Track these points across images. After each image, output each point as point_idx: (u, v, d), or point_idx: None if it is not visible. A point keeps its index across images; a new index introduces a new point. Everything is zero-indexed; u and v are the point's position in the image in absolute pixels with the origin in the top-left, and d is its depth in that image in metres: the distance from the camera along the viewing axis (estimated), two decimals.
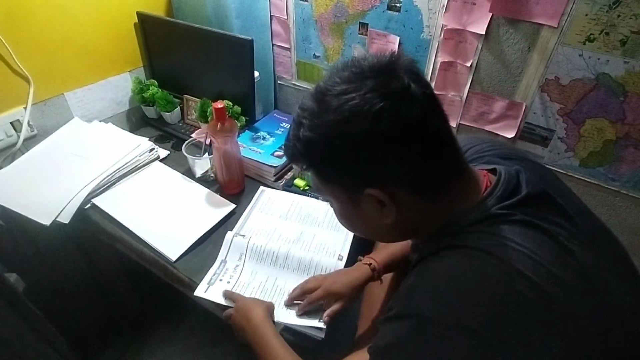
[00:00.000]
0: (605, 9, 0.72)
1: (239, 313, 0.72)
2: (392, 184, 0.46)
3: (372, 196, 0.46)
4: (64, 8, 1.02)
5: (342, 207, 0.52)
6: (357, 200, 0.48)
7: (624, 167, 0.85)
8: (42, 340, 0.88)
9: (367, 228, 0.54)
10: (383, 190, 0.45)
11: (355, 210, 0.50)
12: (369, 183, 0.46)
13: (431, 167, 0.46)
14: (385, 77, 0.43)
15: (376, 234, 0.56)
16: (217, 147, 0.92)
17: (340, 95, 0.43)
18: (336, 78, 0.45)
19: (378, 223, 0.49)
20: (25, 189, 0.95)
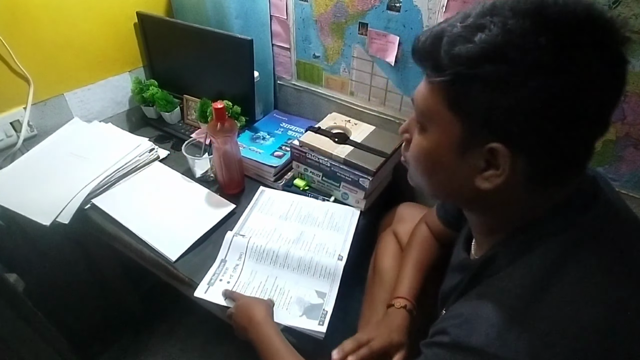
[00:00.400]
0: (605, 9, 0.72)
1: (239, 312, 0.72)
2: (526, 152, 0.38)
3: (492, 152, 0.38)
4: (64, 8, 1.02)
5: (441, 142, 0.42)
6: (468, 145, 0.40)
7: (624, 167, 0.85)
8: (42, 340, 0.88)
9: (442, 179, 0.45)
10: (512, 153, 0.37)
11: (451, 156, 0.41)
12: (505, 136, 0.37)
13: (574, 160, 0.40)
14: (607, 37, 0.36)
15: (449, 190, 0.46)
16: (217, 147, 0.92)
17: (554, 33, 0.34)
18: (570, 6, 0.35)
19: (464, 181, 0.42)
20: (25, 189, 0.95)
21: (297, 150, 1.01)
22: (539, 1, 0.36)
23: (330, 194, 1.03)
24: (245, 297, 0.76)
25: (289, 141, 1.11)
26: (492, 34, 0.35)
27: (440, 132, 0.42)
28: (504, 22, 0.35)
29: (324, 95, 1.22)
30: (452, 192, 0.46)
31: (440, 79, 0.39)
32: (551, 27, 0.34)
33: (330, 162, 0.96)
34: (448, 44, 0.37)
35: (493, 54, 0.35)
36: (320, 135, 1.01)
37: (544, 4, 0.35)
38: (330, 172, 0.98)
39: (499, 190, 0.40)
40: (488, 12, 0.37)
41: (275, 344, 0.66)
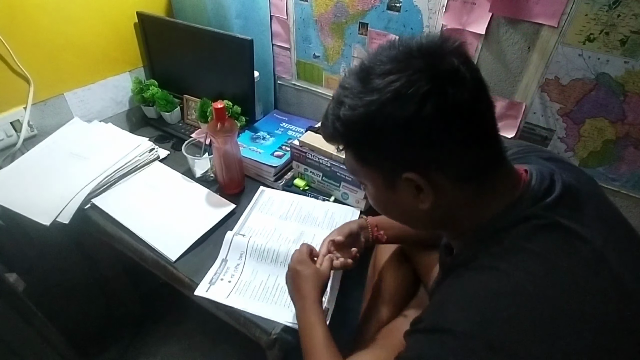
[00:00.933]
0: (605, 9, 0.72)
1: (290, 277, 0.70)
2: (432, 169, 0.44)
3: (410, 180, 0.45)
4: (64, 8, 1.02)
5: (378, 190, 0.50)
6: (393, 183, 0.47)
7: (624, 167, 0.85)
8: (42, 340, 0.88)
9: (400, 213, 0.53)
10: (422, 175, 0.44)
11: (391, 194, 0.49)
12: (408, 166, 0.44)
13: (474, 155, 0.44)
14: (433, 58, 0.41)
15: (409, 220, 0.54)
16: (217, 147, 0.92)
17: (385, 74, 0.41)
18: (382, 57, 0.43)
19: (413, 209, 0.48)
20: (25, 189, 0.95)
21: (297, 150, 1.01)
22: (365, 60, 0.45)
23: (330, 194, 1.03)
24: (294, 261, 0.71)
25: (289, 141, 1.11)
26: (346, 105, 0.44)
27: (370, 183, 0.51)
28: (351, 92, 0.44)
29: (324, 95, 1.22)
30: (414, 221, 0.54)
31: (343, 148, 0.50)
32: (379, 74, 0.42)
33: (330, 162, 0.96)
34: (331, 125, 0.47)
35: (355, 119, 0.44)
36: (320, 135, 1.01)
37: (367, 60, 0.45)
38: (330, 172, 0.98)
39: (440, 203, 0.46)
40: (341, 88, 0.46)
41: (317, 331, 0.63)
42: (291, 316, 0.75)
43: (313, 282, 0.67)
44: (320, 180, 1.02)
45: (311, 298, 0.66)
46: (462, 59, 0.42)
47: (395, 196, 0.48)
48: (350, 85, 0.44)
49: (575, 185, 0.48)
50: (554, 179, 0.48)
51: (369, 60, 0.44)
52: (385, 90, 0.41)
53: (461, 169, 0.45)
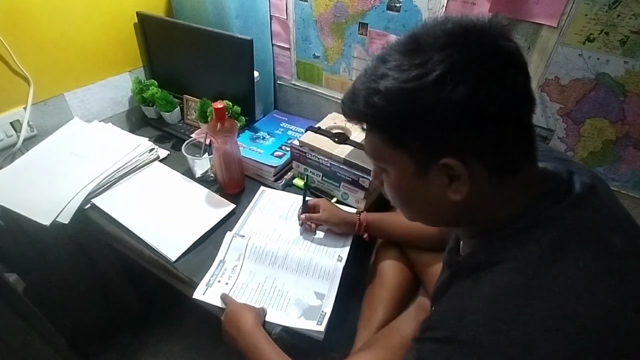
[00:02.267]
0: (605, 9, 0.72)
1: (228, 320, 0.71)
2: (473, 156, 0.40)
3: (447, 167, 0.41)
4: (64, 8, 1.02)
5: (403, 176, 0.45)
6: (425, 170, 0.43)
7: (624, 167, 0.85)
8: (42, 340, 0.88)
9: (423, 205, 0.48)
10: (462, 162, 0.40)
11: (418, 182, 0.44)
12: (449, 151, 0.40)
13: (516, 147, 0.42)
14: (492, 37, 0.39)
15: (430, 213, 0.50)
16: (217, 147, 0.92)
17: (441, 49, 0.38)
18: (436, 30, 0.39)
19: (440, 200, 0.44)
20: (25, 189, 0.95)
21: (297, 150, 1.01)
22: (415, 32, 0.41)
23: (330, 194, 1.03)
24: (234, 303, 0.74)
25: (289, 141, 1.11)
26: (390, 77, 0.40)
27: (397, 169, 0.46)
28: (396, 65, 0.40)
29: (324, 95, 1.22)
30: (436, 214, 0.49)
31: (372, 128, 0.45)
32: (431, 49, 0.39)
33: (330, 162, 0.96)
34: (363, 100, 0.42)
35: (399, 94, 0.39)
36: (320, 135, 1.01)
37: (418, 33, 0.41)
38: (330, 172, 0.98)
39: (472, 195, 0.43)
40: (381, 61, 0.42)
41: (267, 353, 0.64)
42: (289, 318, 0.75)
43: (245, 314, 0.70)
44: (320, 180, 1.02)
45: (249, 325, 0.68)
46: (516, 45, 0.40)
47: (423, 184, 0.44)
48: (394, 58, 0.40)
49: (593, 185, 0.46)
50: (572, 179, 0.46)
51: (419, 32, 0.40)
52: (441, 65, 0.37)
53: (502, 161, 0.42)
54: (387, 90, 0.40)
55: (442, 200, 0.44)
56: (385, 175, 0.48)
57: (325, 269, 0.82)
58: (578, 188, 0.45)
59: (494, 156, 0.41)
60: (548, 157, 0.53)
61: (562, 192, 0.45)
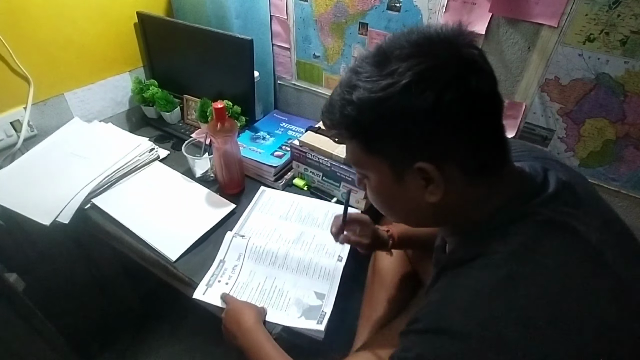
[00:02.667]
0: (605, 9, 0.72)
1: (228, 317, 0.71)
2: (445, 159, 0.43)
3: (421, 171, 0.43)
4: (64, 8, 1.02)
5: (382, 181, 0.48)
6: (401, 174, 0.45)
7: (624, 167, 0.85)
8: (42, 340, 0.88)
9: (402, 207, 0.51)
10: (435, 165, 0.42)
11: (396, 186, 0.47)
12: (422, 156, 0.42)
13: (488, 148, 0.44)
14: (455, 46, 0.41)
15: (411, 215, 0.52)
16: (217, 147, 0.92)
17: (406, 58, 0.40)
18: (402, 41, 0.42)
19: (418, 202, 0.46)
20: (25, 189, 0.95)
21: (297, 150, 1.01)
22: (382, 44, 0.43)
23: (330, 194, 1.03)
24: (236, 301, 0.74)
25: (289, 141, 1.11)
26: (361, 88, 0.42)
27: (376, 174, 0.48)
28: (366, 76, 0.42)
29: (324, 95, 1.22)
30: (417, 216, 0.52)
31: (349, 137, 0.47)
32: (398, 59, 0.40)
33: (330, 162, 0.96)
34: (339, 111, 0.45)
35: (370, 104, 0.41)
36: (321, 135, 1.01)
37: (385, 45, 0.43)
38: (330, 172, 0.98)
39: (449, 196, 0.45)
40: (353, 73, 0.44)
41: (266, 350, 0.65)
42: (289, 318, 0.75)
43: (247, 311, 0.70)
44: (320, 180, 1.02)
45: (250, 323, 0.68)
46: (479, 52, 0.42)
47: (401, 188, 0.46)
48: (364, 69, 0.42)
49: (569, 181, 0.48)
50: (547, 176, 0.48)
51: (386, 44, 0.43)
52: (407, 74, 0.39)
53: (474, 162, 0.44)
54: (359, 100, 0.42)
55: (420, 203, 0.46)
56: (367, 181, 0.51)
57: (325, 269, 0.82)
58: (552, 185, 0.47)
59: (465, 158, 0.43)
60: (527, 156, 0.55)
61: (537, 189, 0.47)
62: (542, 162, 0.52)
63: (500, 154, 0.46)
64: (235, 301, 0.75)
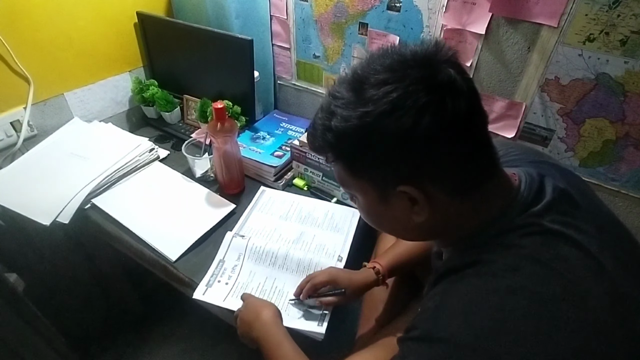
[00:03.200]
0: (605, 9, 0.72)
1: (247, 310, 0.71)
2: (428, 181, 0.43)
3: (404, 193, 0.43)
4: (64, 8, 1.02)
5: (369, 202, 0.49)
6: (386, 196, 0.46)
7: (624, 167, 0.85)
8: (42, 340, 0.88)
9: (392, 225, 0.52)
10: (417, 188, 0.43)
11: (383, 207, 0.47)
12: (404, 179, 0.43)
13: (470, 166, 0.44)
14: (429, 68, 0.40)
15: (401, 232, 0.54)
16: (217, 147, 0.92)
17: (380, 85, 0.40)
18: (376, 65, 0.42)
19: (406, 221, 0.47)
20: (25, 189, 0.95)
21: (297, 150, 1.01)
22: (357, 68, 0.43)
23: (330, 194, 1.03)
24: (256, 297, 0.74)
25: (289, 141, 1.11)
26: (338, 116, 0.42)
27: (362, 195, 0.49)
28: (343, 103, 0.42)
29: (324, 95, 1.22)
30: (407, 232, 0.52)
31: (333, 160, 0.47)
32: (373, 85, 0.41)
33: None
34: (320, 136, 0.45)
35: (347, 132, 0.42)
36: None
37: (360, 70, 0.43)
38: (330, 172, 0.98)
39: (435, 215, 0.45)
40: (332, 98, 0.44)
41: (284, 345, 0.64)
42: (289, 318, 0.75)
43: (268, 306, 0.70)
44: (320, 180, 1.02)
45: (270, 315, 0.68)
46: (457, 69, 0.41)
47: (388, 209, 0.47)
48: (341, 95, 0.43)
49: (566, 188, 0.47)
50: (543, 183, 0.47)
51: (361, 69, 0.43)
52: (382, 102, 0.39)
53: (457, 181, 0.44)
54: (336, 128, 0.43)
55: (408, 222, 0.47)
56: (356, 199, 0.52)
57: None
58: (549, 193, 0.46)
59: (448, 178, 0.43)
60: (523, 161, 0.55)
61: (532, 198, 0.46)
62: (538, 167, 0.51)
63: (486, 169, 0.45)
64: (255, 297, 0.74)
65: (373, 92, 0.40)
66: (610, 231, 0.48)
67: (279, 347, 0.64)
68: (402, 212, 0.46)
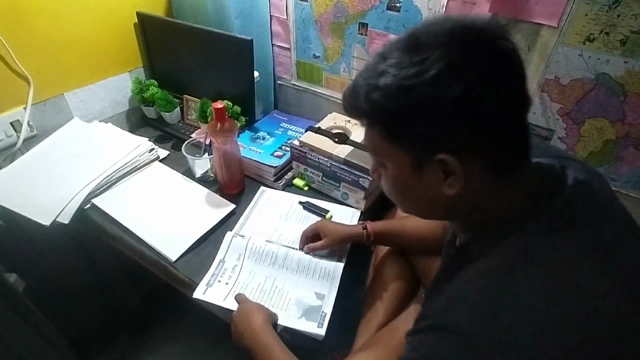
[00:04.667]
0: (605, 9, 0.72)
1: (240, 315, 0.71)
2: (468, 153, 0.41)
3: (442, 162, 0.42)
4: (64, 8, 1.02)
5: (400, 171, 0.47)
6: (421, 165, 0.44)
7: (624, 167, 0.85)
8: (42, 340, 0.88)
9: (418, 198, 0.49)
10: (458, 158, 0.41)
11: (414, 177, 0.45)
12: (445, 147, 0.41)
13: (512, 145, 0.43)
14: (490, 37, 0.40)
15: (425, 207, 0.51)
16: (217, 147, 0.92)
17: (440, 47, 0.39)
18: (435, 28, 0.40)
19: (434, 194, 0.45)
20: (25, 189, 0.95)
21: (297, 150, 1.01)
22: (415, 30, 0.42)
23: (330, 194, 1.03)
24: (248, 301, 0.75)
25: (289, 141, 1.11)
26: (389, 74, 0.41)
27: (394, 163, 0.47)
28: (395, 62, 0.41)
29: (324, 95, 1.22)
30: (430, 207, 0.51)
31: (371, 123, 0.46)
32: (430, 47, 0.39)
33: (330, 162, 0.96)
34: (364, 95, 0.43)
35: (397, 91, 0.40)
36: (320, 135, 1.01)
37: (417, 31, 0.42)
38: (330, 172, 0.98)
39: (467, 190, 0.44)
40: (381, 58, 0.43)
41: (274, 351, 0.64)
42: (289, 318, 0.75)
43: (258, 312, 0.70)
44: (320, 180, 1.02)
45: (259, 323, 0.68)
46: (514, 46, 0.41)
47: (418, 179, 0.45)
48: (393, 55, 0.41)
49: (587, 181, 0.47)
50: (565, 174, 0.47)
51: (419, 31, 0.41)
52: (439, 64, 0.38)
53: (495, 158, 0.43)
54: (386, 86, 0.41)
55: (437, 195, 0.45)
56: (383, 170, 0.50)
57: (325, 269, 0.82)
58: (570, 183, 0.46)
59: (488, 153, 0.42)
60: (545, 154, 0.54)
61: (554, 187, 0.46)
62: (560, 160, 0.51)
63: (522, 152, 0.45)
64: (248, 301, 0.75)
65: (430, 53, 0.39)
66: (627, 227, 0.47)
67: (267, 353, 0.65)
68: (433, 184, 0.44)
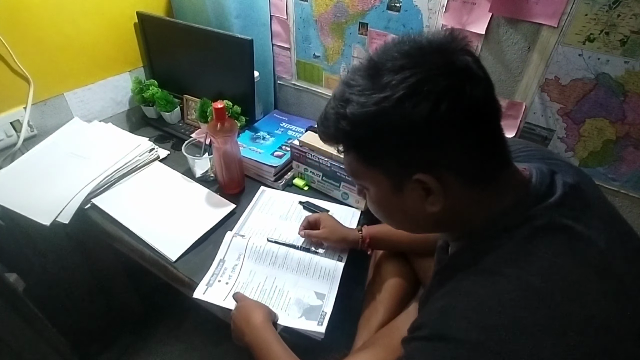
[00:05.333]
0: (605, 9, 0.72)
1: (238, 314, 0.72)
2: (445, 169, 0.42)
3: (420, 182, 0.42)
4: (64, 8, 1.02)
5: (381, 193, 0.48)
6: (400, 185, 0.45)
7: (624, 167, 0.85)
8: (42, 340, 0.88)
9: (403, 217, 0.50)
10: (434, 176, 0.42)
11: (396, 198, 0.46)
12: (420, 167, 0.42)
13: (487, 155, 0.43)
14: (447, 55, 0.40)
15: (411, 224, 0.52)
16: (217, 147, 0.92)
17: (398, 70, 0.39)
18: (393, 52, 0.41)
19: (418, 212, 0.46)
20: (25, 189, 0.95)
21: (297, 150, 1.01)
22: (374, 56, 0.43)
23: (330, 194, 1.03)
24: (247, 299, 0.75)
25: (289, 141, 1.11)
26: (354, 102, 0.41)
27: (375, 185, 0.48)
28: (359, 90, 0.41)
29: (324, 95, 1.22)
30: (417, 224, 0.51)
31: (345, 150, 0.47)
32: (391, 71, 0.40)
33: (330, 162, 0.96)
34: (333, 125, 0.44)
35: (363, 118, 0.41)
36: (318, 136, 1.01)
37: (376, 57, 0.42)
38: (330, 172, 0.98)
39: (451, 205, 0.44)
40: (346, 86, 0.43)
41: (274, 348, 0.65)
42: (289, 318, 0.75)
43: (257, 309, 0.70)
44: (320, 180, 1.02)
45: (259, 320, 0.68)
46: (473, 57, 0.41)
47: (400, 199, 0.46)
48: (357, 82, 0.42)
49: (577, 185, 0.47)
50: (554, 179, 0.47)
51: (377, 56, 0.42)
52: (400, 87, 0.39)
53: (473, 170, 0.43)
54: (352, 115, 0.42)
55: (421, 212, 0.46)
56: (366, 191, 0.51)
57: (325, 269, 0.82)
58: (559, 188, 0.46)
59: (464, 167, 0.43)
60: (532, 157, 0.54)
61: (543, 193, 0.46)
62: (549, 163, 0.51)
63: (500, 159, 0.45)
64: (247, 299, 0.75)
65: (390, 77, 0.39)
66: (618, 229, 0.47)
67: (268, 350, 0.65)
68: (415, 202, 0.45)
